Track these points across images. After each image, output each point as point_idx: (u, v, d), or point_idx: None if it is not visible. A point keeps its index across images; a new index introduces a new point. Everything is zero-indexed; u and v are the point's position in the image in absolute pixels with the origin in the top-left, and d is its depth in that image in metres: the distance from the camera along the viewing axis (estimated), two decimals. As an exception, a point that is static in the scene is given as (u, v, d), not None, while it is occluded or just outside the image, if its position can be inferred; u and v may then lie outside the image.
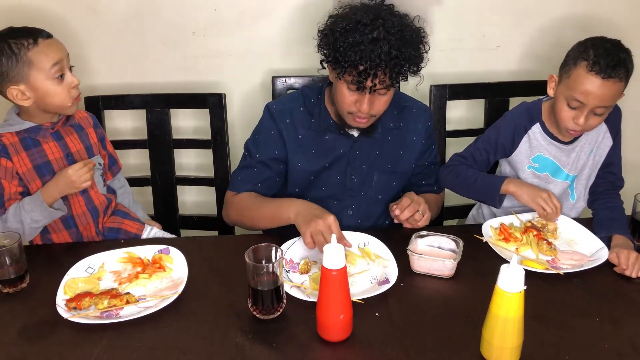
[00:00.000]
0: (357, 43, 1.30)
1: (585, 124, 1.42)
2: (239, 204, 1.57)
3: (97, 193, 1.55)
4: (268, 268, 1.16)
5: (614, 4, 2.00)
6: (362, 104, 1.39)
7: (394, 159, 1.60)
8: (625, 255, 1.33)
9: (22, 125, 1.42)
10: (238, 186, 1.59)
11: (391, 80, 1.36)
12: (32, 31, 1.37)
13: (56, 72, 1.37)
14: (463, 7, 1.98)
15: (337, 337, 1.11)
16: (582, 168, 1.59)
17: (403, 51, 1.32)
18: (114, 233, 1.57)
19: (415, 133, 1.61)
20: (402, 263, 1.33)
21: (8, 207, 1.41)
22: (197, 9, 1.95)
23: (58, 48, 1.40)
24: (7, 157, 1.40)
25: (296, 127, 1.55)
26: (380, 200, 1.62)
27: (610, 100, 1.39)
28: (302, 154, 1.56)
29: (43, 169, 1.44)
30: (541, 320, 1.16)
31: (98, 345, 1.11)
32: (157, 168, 1.94)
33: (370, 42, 1.30)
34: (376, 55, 1.29)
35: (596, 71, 1.35)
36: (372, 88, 1.35)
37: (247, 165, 1.59)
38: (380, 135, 1.57)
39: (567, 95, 1.41)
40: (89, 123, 1.57)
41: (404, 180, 1.65)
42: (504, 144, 1.58)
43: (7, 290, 1.27)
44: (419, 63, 1.39)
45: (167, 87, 1.99)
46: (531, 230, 1.47)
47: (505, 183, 1.51)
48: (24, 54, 1.34)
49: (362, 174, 1.58)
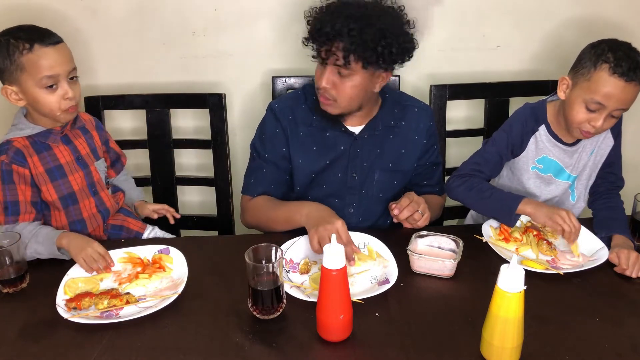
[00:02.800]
0: (323, 15, 1.39)
1: (602, 126, 1.42)
2: (254, 209, 1.58)
3: (107, 195, 1.56)
4: (268, 268, 1.16)
5: (613, 5, 2.00)
6: (320, 76, 1.43)
7: (396, 157, 1.60)
8: (626, 255, 1.33)
9: (32, 129, 1.41)
10: (251, 190, 1.60)
11: (345, 59, 1.36)
12: (36, 35, 1.33)
13: (47, 82, 1.34)
14: (463, 7, 1.98)
15: (337, 337, 1.11)
16: (583, 168, 1.59)
17: (365, 31, 1.33)
18: (117, 230, 1.57)
19: (417, 132, 1.61)
20: (402, 263, 1.33)
21: (21, 220, 1.39)
22: (197, 9, 1.95)
23: (56, 59, 1.34)
24: (23, 163, 1.38)
25: (298, 124, 1.56)
26: (381, 199, 1.62)
27: (630, 103, 1.39)
28: (303, 152, 1.56)
29: (55, 172, 1.43)
30: (541, 320, 1.16)
31: (98, 345, 1.11)
32: (157, 168, 1.94)
33: (332, 14, 1.37)
34: (331, 27, 1.35)
35: (619, 74, 1.34)
36: (325, 60, 1.39)
37: (257, 166, 1.60)
38: (380, 133, 1.57)
39: (587, 99, 1.39)
40: (93, 125, 1.58)
41: (405, 179, 1.65)
42: (513, 145, 1.56)
43: (7, 290, 1.27)
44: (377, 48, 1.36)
45: (167, 87, 1.99)
46: (531, 230, 1.47)
47: (522, 203, 1.43)
48: (17, 57, 1.31)
49: (364, 172, 1.58)
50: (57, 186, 1.43)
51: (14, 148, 1.38)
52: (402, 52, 1.42)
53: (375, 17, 1.37)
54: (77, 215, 1.48)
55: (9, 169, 1.37)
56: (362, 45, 1.35)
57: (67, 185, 1.45)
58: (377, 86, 1.48)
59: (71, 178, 1.46)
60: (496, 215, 1.50)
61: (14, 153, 1.38)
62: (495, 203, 1.48)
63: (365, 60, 1.37)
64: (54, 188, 1.43)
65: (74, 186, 1.46)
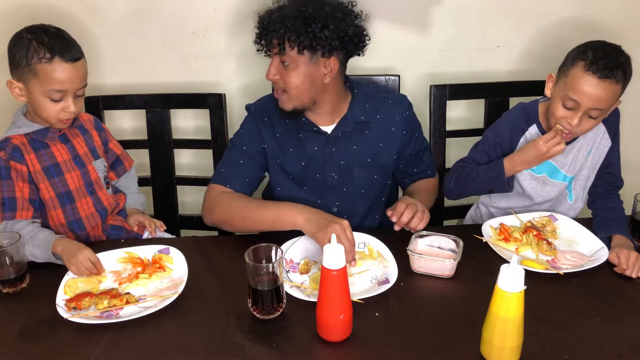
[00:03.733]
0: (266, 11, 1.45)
1: (578, 126, 1.41)
2: (228, 203, 1.51)
3: (106, 194, 1.55)
4: (268, 268, 1.16)
5: (613, 6, 2.00)
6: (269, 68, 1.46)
7: (374, 152, 1.58)
8: (626, 255, 1.33)
9: (30, 127, 1.41)
10: (223, 179, 1.54)
11: (280, 45, 1.40)
12: (59, 46, 1.32)
13: (54, 96, 1.34)
14: (463, 7, 1.98)
15: (337, 337, 1.11)
16: (580, 169, 1.59)
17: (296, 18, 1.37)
18: (117, 231, 1.57)
19: (394, 124, 1.58)
20: (402, 263, 1.33)
21: (19, 217, 1.39)
22: (197, 9, 1.95)
23: (70, 77, 1.34)
24: (20, 159, 1.39)
25: (274, 125, 1.56)
26: (363, 195, 1.61)
27: (605, 103, 1.38)
28: (281, 154, 1.56)
29: (52, 170, 1.43)
30: (541, 320, 1.16)
31: (98, 345, 1.11)
32: (157, 168, 1.94)
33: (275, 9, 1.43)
34: (268, 17, 1.42)
35: (593, 71, 1.35)
36: (267, 50, 1.46)
37: (233, 157, 1.57)
38: (353, 130, 1.55)
39: (563, 95, 1.41)
40: (92, 125, 1.58)
41: (386, 173, 1.63)
42: (502, 145, 1.58)
43: (7, 290, 1.27)
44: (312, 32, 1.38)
45: (167, 87, 1.99)
46: (531, 230, 1.47)
47: (505, 164, 1.50)
48: (34, 62, 1.31)
49: (342, 170, 1.57)
50: (53, 184, 1.44)
51: (11, 145, 1.39)
52: (341, 37, 1.41)
53: (306, 5, 1.39)
54: (75, 214, 1.48)
55: (6, 165, 1.38)
56: (293, 30, 1.37)
57: (64, 183, 1.45)
58: (326, 77, 1.46)
59: (67, 176, 1.46)
60: (493, 187, 1.56)
61: (12, 150, 1.38)
62: (485, 178, 1.54)
63: (300, 45, 1.39)
64: (50, 186, 1.43)
65: (70, 185, 1.46)
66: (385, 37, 1.96)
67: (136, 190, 1.71)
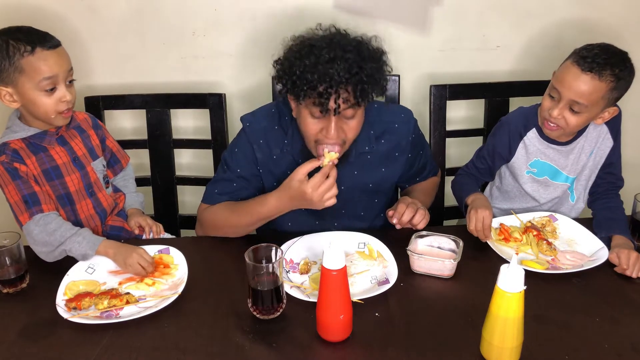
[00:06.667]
0: (313, 64, 1.25)
1: (559, 117, 1.42)
2: (214, 217, 1.50)
3: (105, 195, 1.55)
4: (268, 268, 1.16)
5: (613, 6, 2.00)
6: (330, 130, 1.31)
7: (376, 178, 1.54)
8: (626, 255, 1.33)
9: (27, 131, 1.40)
10: (213, 200, 1.52)
11: (356, 99, 1.27)
12: (36, 37, 1.32)
13: (46, 85, 1.33)
14: (463, 7, 1.98)
15: (337, 337, 1.11)
16: (582, 169, 1.59)
17: (363, 67, 1.26)
18: (117, 231, 1.57)
19: (398, 149, 1.53)
20: (402, 263, 1.33)
21: (46, 210, 1.37)
22: (197, 9, 1.95)
23: (56, 62, 1.33)
24: (22, 161, 1.38)
25: (270, 147, 1.49)
26: (363, 217, 1.58)
27: (585, 98, 1.38)
28: (278, 176, 1.48)
29: (52, 173, 1.43)
30: (541, 320, 1.16)
31: (98, 345, 1.11)
32: (157, 168, 1.94)
33: (327, 61, 1.24)
34: (335, 72, 1.23)
35: (578, 63, 1.37)
36: (337, 110, 1.27)
37: (226, 178, 1.52)
38: (354, 159, 1.48)
39: (550, 86, 1.44)
40: (89, 124, 1.56)
41: (386, 197, 1.60)
42: (500, 151, 1.58)
43: (7, 290, 1.27)
44: (382, 79, 1.32)
45: (167, 87, 1.99)
46: (531, 230, 1.47)
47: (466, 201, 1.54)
48: (17, 59, 1.30)
49: (342, 196, 1.41)
50: (53, 186, 1.43)
51: (11, 149, 1.38)
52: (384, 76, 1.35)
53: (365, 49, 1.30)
54: (75, 216, 1.48)
55: (12, 167, 1.36)
56: (366, 82, 1.27)
57: (64, 186, 1.45)
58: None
59: (68, 179, 1.45)
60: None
61: (13, 153, 1.37)
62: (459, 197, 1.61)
63: (367, 95, 1.29)
64: (51, 189, 1.43)
65: (70, 187, 1.46)
66: (385, 37, 1.94)
67: (134, 189, 1.71)
